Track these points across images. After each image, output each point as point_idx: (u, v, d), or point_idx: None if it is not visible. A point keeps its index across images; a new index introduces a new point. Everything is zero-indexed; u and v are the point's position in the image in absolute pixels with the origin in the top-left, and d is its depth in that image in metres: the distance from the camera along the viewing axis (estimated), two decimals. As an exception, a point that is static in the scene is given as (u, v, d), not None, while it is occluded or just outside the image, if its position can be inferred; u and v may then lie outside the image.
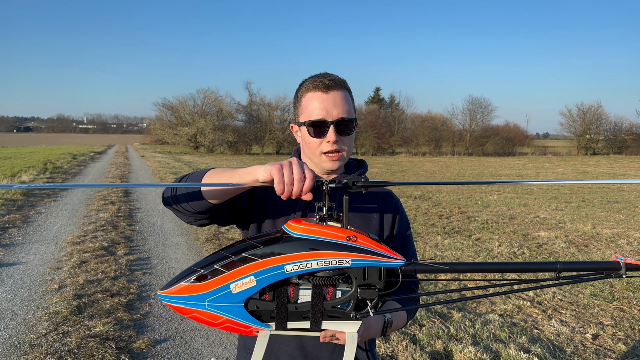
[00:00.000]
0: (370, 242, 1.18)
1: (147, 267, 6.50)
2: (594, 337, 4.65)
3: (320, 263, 1.13)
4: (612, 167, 30.62)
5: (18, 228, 8.67)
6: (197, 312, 1.17)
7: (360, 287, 1.17)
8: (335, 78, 1.54)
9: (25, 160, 27.63)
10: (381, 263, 1.17)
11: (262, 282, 1.14)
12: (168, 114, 56.70)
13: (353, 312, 1.19)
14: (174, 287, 1.19)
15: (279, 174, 1.15)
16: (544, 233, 9.27)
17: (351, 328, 1.20)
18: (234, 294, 1.15)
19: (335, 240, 1.15)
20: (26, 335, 4.32)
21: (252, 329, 1.19)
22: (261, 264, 1.13)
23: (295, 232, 1.18)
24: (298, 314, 1.18)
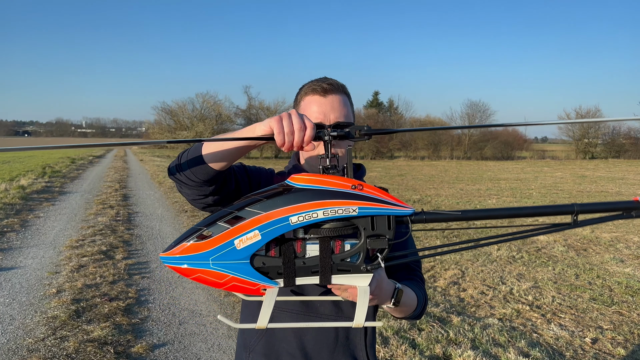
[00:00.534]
0: (376, 191, 1.13)
1: (145, 271, 6.48)
2: (593, 341, 4.65)
3: (326, 212, 1.08)
4: (610, 171, 30.66)
5: (16, 232, 8.65)
6: (201, 272, 1.11)
7: (369, 238, 1.12)
8: (334, 82, 1.53)
9: (24, 165, 27.60)
10: (389, 211, 1.13)
11: (267, 235, 1.09)
12: (167, 118, 56.77)
13: (363, 264, 1.14)
14: (176, 248, 1.13)
15: (278, 124, 1.12)
16: (543, 237, 9.27)
17: (362, 281, 1.16)
18: (238, 250, 1.09)
19: (341, 189, 1.11)
20: (24, 339, 4.31)
21: (260, 286, 1.13)
22: (265, 217, 1.08)
23: (299, 184, 1.13)
24: (306, 269, 1.13)
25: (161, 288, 5.81)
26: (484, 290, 6.05)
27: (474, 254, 7.81)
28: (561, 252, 8.14)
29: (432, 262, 7.27)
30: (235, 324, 1.16)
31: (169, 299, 5.47)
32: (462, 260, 7.44)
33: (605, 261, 7.60)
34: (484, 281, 6.41)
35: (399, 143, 54.19)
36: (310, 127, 1.13)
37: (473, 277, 6.59)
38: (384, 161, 46.81)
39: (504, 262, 7.43)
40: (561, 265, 7.30)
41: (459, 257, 7.59)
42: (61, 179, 19.41)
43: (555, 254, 7.99)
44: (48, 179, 18.67)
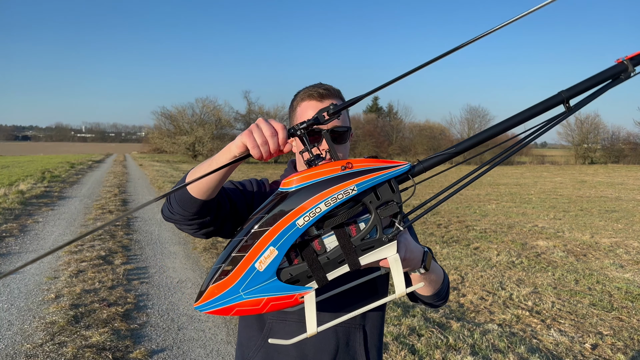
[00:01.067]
0: (366, 161, 1.13)
1: (144, 276, 6.47)
2: (593, 347, 4.64)
3: (327, 203, 1.08)
4: (610, 176, 30.67)
5: (15, 237, 8.63)
6: (237, 305, 1.13)
7: (378, 209, 1.13)
8: (330, 87, 1.54)
9: (23, 169, 27.59)
10: (387, 175, 1.13)
11: (283, 247, 1.10)
12: (167, 123, 56.77)
13: (384, 235, 1.14)
14: (206, 294, 1.15)
15: (250, 139, 1.12)
16: (543, 242, 9.27)
17: (390, 251, 1.16)
18: (262, 272, 1.11)
19: (332, 175, 1.11)
20: (22, 345, 4.29)
21: (296, 296, 1.14)
22: (273, 230, 1.09)
23: (292, 186, 1.13)
24: (332, 262, 1.13)
25: (160, 293, 5.80)
26: (483, 295, 6.03)
27: (473, 260, 7.80)
28: (561, 257, 8.13)
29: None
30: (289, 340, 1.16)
31: (167, 304, 5.46)
32: (461, 265, 7.43)
33: (604, 266, 7.59)
34: (483, 286, 6.40)
35: (398, 148, 54.24)
36: (280, 129, 1.13)
37: (472, 282, 6.58)
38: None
39: (503, 267, 7.42)
40: (561, 270, 7.29)
41: (458, 263, 7.58)
42: (60, 183, 19.39)
43: (555, 260, 7.98)
44: (47, 183, 18.66)
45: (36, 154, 62.55)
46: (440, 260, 7.72)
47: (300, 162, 1.61)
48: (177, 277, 6.50)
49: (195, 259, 7.46)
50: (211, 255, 7.57)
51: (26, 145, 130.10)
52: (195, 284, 6.20)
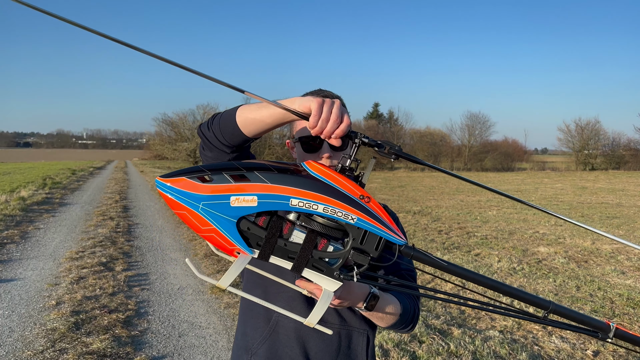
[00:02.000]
0: (381, 210, 1.13)
1: (145, 283, 6.47)
2: (594, 354, 4.62)
3: (326, 209, 1.08)
4: (610, 183, 30.67)
5: (16, 244, 8.64)
6: (187, 210, 1.09)
7: (354, 250, 1.12)
8: (330, 94, 1.55)
9: (25, 176, 27.64)
10: (383, 233, 1.12)
11: (263, 205, 1.08)
12: (167, 130, 56.87)
13: (338, 270, 1.13)
14: (174, 178, 1.11)
15: (318, 107, 1.11)
16: (544, 249, 9.26)
17: (331, 286, 1.15)
18: (231, 207, 1.08)
19: (349, 194, 1.10)
20: (23, 352, 4.29)
21: (235, 248, 1.12)
22: (269, 187, 1.08)
23: (313, 171, 1.12)
24: (285, 251, 1.12)
25: (161, 300, 5.80)
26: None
27: (474, 266, 7.79)
28: (562, 263, 8.12)
29: (433, 271, 7.24)
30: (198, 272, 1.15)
31: (168, 311, 5.45)
32: (462, 272, 7.42)
33: (606, 273, 7.58)
34: (484, 293, 6.38)
35: (399, 154, 54.21)
36: (346, 122, 1.13)
37: (473, 288, 6.57)
38: (384, 172, 46.84)
39: (504, 273, 7.41)
40: (562, 277, 7.28)
41: (459, 269, 7.56)
42: (61, 190, 19.41)
43: (556, 266, 7.97)
44: (48, 190, 18.68)
45: (37, 161, 62.63)
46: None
47: None
48: (177, 283, 6.49)
49: (196, 265, 7.45)
50: (212, 261, 7.57)
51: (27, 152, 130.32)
52: (196, 290, 6.20)
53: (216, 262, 7.50)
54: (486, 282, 1.22)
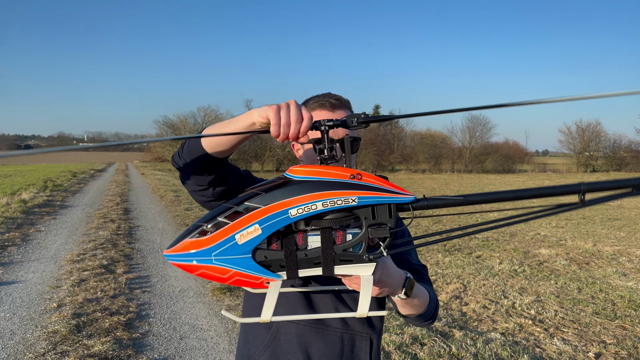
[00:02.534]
0: (375, 179, 1.13)
1: (146, 285, 6.47)
2: (596, 356, 4.62)
3: (325, 204, 1.08)
4: (611, 184, 30.63)
5: (17, 246, 8.64)
6: (204, 267, 1.11)
7: (370, 227, 1.12)
8: (341, 98, 1.55)
9: (26, 178, 27.67)
10: (390, 199, 1.12)
11: (268, 229, 1.09)
12: (169, 132, 56.90)
13: (366, 254, 1.13)
14: (178, 245, 1.13)
15: (275, 115, 1.11)
16: (545, 250, 9.25)
17: (366, 271, 1.15)
18: (240, 245, 1.10)
19: (339, 180, 1.11)
20: (24, 354, 4.29)
21: (263, 279, 1.13)
22: (264, 210, 1.09)
23: (297, 176, 1.13)
24: (308, 260, 1.13)
25: (162, 302, 5.80)
26: (486, 304, 6.02)
27: (475, 268, 7.78)
28: (563, 265, 8.11)
29: (434, 276, 7.24)
30: (238, 318, 1.16)
31: (169, 313, 5.45)
32: (464, 274, 7.41)
33: (607, 275, 7.57)
34: (486, 295, 6.39)
35: (400, 156, 54.33)
36: (307, 118, 1.12)
37: (475, 291, 6.56)
38: (385, 174, 46.83)
39: (505, 276, 7.40)
40: (563, 279, 7.27)
41: (460, 271, 7.56)
42: (62, 192, 19.43)
43: (558, 268, 7.96)
44: (49, 192, 18.70)
45: (38, 163, 62.74)
46: (443, 268, 7.72)
47: (299, 154, 1.62)
48: (179, 286, 6.49)
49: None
50: (213, 264, 7.57)
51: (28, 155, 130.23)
52: (197, 292, 6.20)
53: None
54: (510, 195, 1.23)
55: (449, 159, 55.00)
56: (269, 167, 52.32)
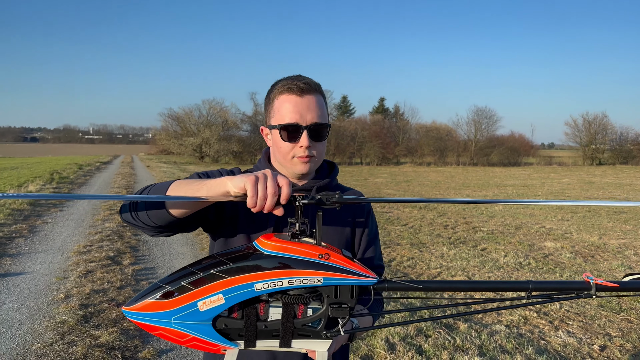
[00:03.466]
0: (343, 260, 1.14)
1: (152, 276, 6.51)
2: (601, 348, 4.62)
3: (291, 282, 1.10)
4: (618, 177, 30.49)
5: (25, 238, 8.71)
6: (162, 329, 1.13)
7: (331, 306, 1.14)
8: (310, 81, 1.49)
9: (32, 171, 27.80)
10: (353, 281, 1.14)
11: (231, 300, 1.10)
12: (173, 125, 57.03)
13: (324, 330, 1.16)
14: (139, 304, 1.14)
15: (253, 188, 1.11)
16: (550, 243, 9.24)
17: (322, 347, 1.18)
18: (201, 312, 1.11)
19: (307, 258, 1.12)
20: (32, 344, 4.33)
21: (220, 347, 1.16)
22: (230, 281, 1.09)
23: (266, 249, 1.14)
24: (267, 332, 1.15)
25: (168, 294, 5.83)
26: (490, 296, 6.02)
27: (480, 261, 7.78)
28: (568, 258, 8.10)
29: (439, 268, 7.25)
30: None
31: (176, 304, 5.48)
32: (468, 266, 7.42)
33: (613, 268, 7.55)
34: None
35: (405, 149, 54.19)
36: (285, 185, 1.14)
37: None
38: (389, 167, 46.78)
39: (511, 268, 7.40)
40: (568, 271, 7.26)
41: (465, 264, 7.56)
42: (69, 184, 19.53)
43: (563, 261, 7.95)
44: (56, 184, 18.80)
45: (44, 156, 63.00)
46: (448, 261, 7.72)
47: (274, 154, 1.58)
48: (185, 277, 6.53)
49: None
50: (218, 256, 7.60)
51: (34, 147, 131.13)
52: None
53: (223, 256, 7.53)
54: (464, 285, 1.26)
55: (455, 152, 54.82)
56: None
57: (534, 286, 1.21)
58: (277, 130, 1.47)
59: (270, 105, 1.52)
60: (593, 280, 1.20)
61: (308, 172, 1.53)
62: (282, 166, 1.55)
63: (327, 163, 1.70)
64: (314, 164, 1.52)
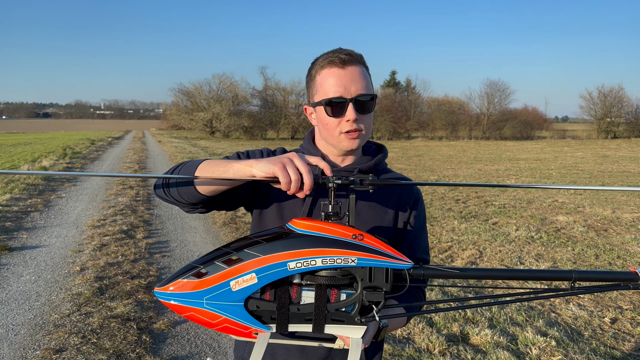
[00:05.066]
0: (377, 242, 1.12)
1: (165, 250, 6.60)
2: (612, 321, 4.62)
3: (324, 261, 1.08)
4: (633, 151, 30.06)
5: (40, 212, 8.84)
6: (194, 310, 1.10)
7: (365, 290, 1.12)
8: (352, 52, 1.42)
9: (45, 146, 28.06)
10: (388, 264, 1.12)
11: (264, 279, 1.08)
12: (184, 100, 57.00)
13: (358, 316, 1.13)
14: (171, 284, 1.12)
15: (283, 172, 1.12)
16: (563, 217, 9.18)
17: (356, 333, 1.15)
18: (233, 292, 1.09)
19: (341, 238, 1.10)
20: (50, 315, 4.44)
21: (252, 330, 1.13)
22: (263, 260, 1.08)
23: (300, 229, 1.13)
24: (300, 315, 1.12)
25: (181, 266, 5.87)
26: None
27: (492, 235, 7.77)
28: (581, 232, 8.06)
29: (450, 242, 7.25)
30: None
31: (189, 277, 5.56)
32: (479, 240, 7.41)
33: (626, 241, 7.50)
34: (502, 261, 6.39)
35: (416, 123, 53.76)
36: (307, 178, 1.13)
37: (491, 257, 6.57)
38: (401, 142, 46.51)
39: (522, 242, 7.38)
40: (581, 245, 7.23)
41: (476, 238, 7.56)
42: (81, 160, 19.70)
43: (575, 235, 7.91)
44: (69, 159, 18.97)
45: (57, 131, 63.47)
46: (459, 235, 7.72)
47: (318, 134, 1.54)
48: (197, 250, 6.61)
49: (215, 233, 7.57)
50: (230, 229, 7.66)
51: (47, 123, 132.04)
52: (215, 257, 6.31)
53: (235, 230, 7.60)
54: (503, 274, 1.23)
55: (467, 126, 54.27)
56: (284, 135, 52.23)
57: (578, 276, 1.18)
58: (321, 106, 1.42)
59: (312, 82, 1.47)
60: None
61: (357, 147, 1.46)
62: (328, 144, 1.51)
63: (376, 145, 1.64)
64: (361, 139, 1.45)
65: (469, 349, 3.95)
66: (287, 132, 52.11)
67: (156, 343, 4.02)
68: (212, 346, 4.00)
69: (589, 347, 4.09)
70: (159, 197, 1.40)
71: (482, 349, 4.00)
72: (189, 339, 4.09)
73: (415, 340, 4.06)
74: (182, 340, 4.08)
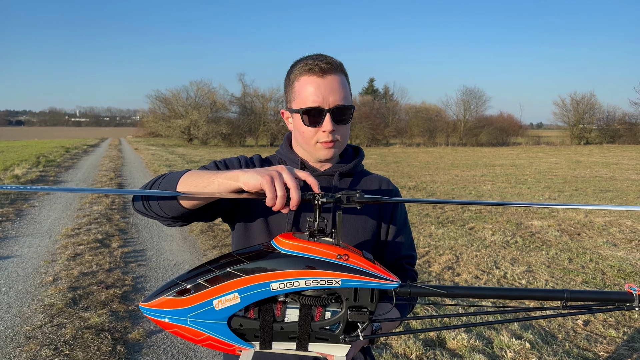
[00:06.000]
0: (362, 262, 1.11)
1: (141, 259, 6.51)
2: (585, 323, 4.72)
3: (308, 282, 1.07)
4: (605, 157, 30.78)
5: (11, 221, 8.64)
6: (178, 327, 1.12)
7: (350, 309, 1.11)
8: (332, 61, 1.40)
9: (18, 154, 27.44)
10: (373, 284, 1.10)
11: (247, 299, 1.08)
12: (161, 107, 56.40)
13: (342, 334, 1.12)
14: (155, 300, 1.14)
15: (270, 187, 1.09)
16: (537, 222, 9.34)
17: (340, 351, 1.14)
18: (216, 311, 1.10)
19: (326, 259, 1.09)
20: (21, 327, 4.33)
21: (235, 347, 1.14)
22: (246, 280, 1.08)
23: (284, 248, 1.12)
24: (284, 334, 1.12)
25: (157, 275, 5.84)
26: (478, 274, 6.10)
27: (468, 240, 7.86)
28: (555, 236, 8.21)
29: (427, 247, 7.32)
30: None
31: (165, 286, 5.49)
32: (456, 245, 7.49)
33: (598, 245, 7.67)
34: (478, 266, 6.47)
35: (394, 130, 54.19)
36: (294, 194, 1.12)
37: (467, 261, 6.65)
38: (379, 148, 46.81)
39: (498, 246, 7.49)
40: (555, 249, 7.37)
41: (453, 243, 7.64)
42: (55, 168, 19.33)
43: (549, 239, 8.05)
44: (42, 168, 18.59)
45: (30, 139, 62.19)
46: (436, 240, 7.79)
47: (296, 139, 1.53)
48: (174, 259, 6.53)
49: (192, 241, 7.49)
50: (208, 237, 7.60)
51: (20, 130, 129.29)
52: (192, 266, 6.24)
53: (212, 238, 7.53)
54: (493, 293, 1.20)
55: (444, 133, 54.90)
56: (263, 142, 52.10)
57: (570, 296, 1.15)
58: (299, 114, 1.40)
59: (291, 87, 1.45)
60: (636, 292, 1.13)
61: (332, 156, 1.47)
62: (304, 151, 1.50)
63: (352, 148, 1.64)
64: (337, 148, 1.45)
65: (445, 353, 3.98)
66: (266, 139, 51.97)
67: (131, 353, 3.95)
68: (189, 355, 3.96)
69: (562, 349, 4.16)
70: (138, 212, 1.36)
71: (459, 352, 4.03)
72: (165, 349, 4.03)
73: (393, 346, 4.08)
74: (158, 350, 4.02)
